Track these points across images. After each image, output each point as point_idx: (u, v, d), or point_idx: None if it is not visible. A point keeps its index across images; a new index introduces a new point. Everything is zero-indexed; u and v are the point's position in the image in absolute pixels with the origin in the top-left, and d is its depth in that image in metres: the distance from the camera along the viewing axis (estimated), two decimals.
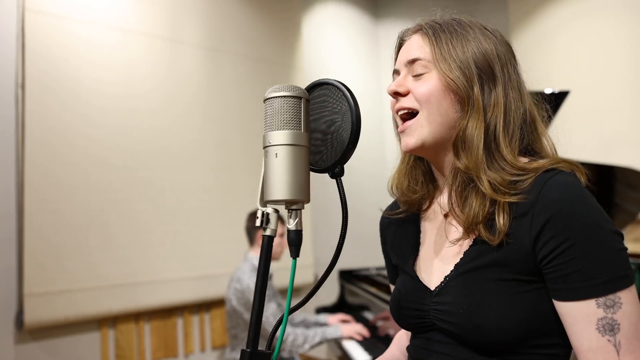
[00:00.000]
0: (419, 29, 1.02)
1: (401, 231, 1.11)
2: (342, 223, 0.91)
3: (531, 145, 0.96)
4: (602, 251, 0.82)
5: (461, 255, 0.95)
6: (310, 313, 3.92)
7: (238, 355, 2.84)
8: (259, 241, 2.94)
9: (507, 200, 0.88)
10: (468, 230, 0.93)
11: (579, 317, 0.83)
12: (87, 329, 3.02)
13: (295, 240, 0.85)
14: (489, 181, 0.90)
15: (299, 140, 0.83)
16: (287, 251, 3.07)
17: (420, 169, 1.07)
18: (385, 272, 3.44)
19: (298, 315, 3.14)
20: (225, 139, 3.66)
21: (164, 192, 3.32)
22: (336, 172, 0.90)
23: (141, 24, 3.28)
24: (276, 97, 0.84)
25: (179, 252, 3.34)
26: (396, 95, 1.01)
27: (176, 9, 3.46)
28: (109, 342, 3.09)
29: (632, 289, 0.83)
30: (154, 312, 3.28)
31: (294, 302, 1.11)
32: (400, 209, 1.11)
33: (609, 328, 0.81)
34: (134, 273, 3.14)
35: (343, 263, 4.23)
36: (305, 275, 4.06)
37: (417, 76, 0.98)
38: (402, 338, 1.21)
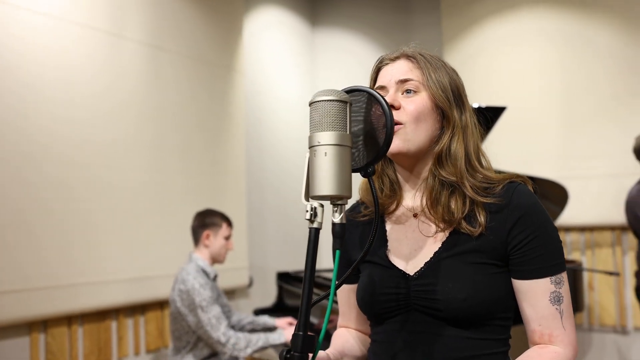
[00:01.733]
0: (404, 56, 1.20)
1: (366, 230, 1.25)
2: (375, 220, 0.99)
3: (480, 159, 1.18)
4: (554, 242, 1.10)
5: (439, 245, 1.13)
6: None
7: (181, 359, 2.84)
8: (204, 241, 2.95)
9: (486, 201, 1.10)
10: (449, 225, 1.12)
11: (537, 291, 1.08)
12: (16, 334, 2.89)
13: (340, 233, 0.93)
14: (471, 186, 1.11)
15: (345, 141, 0.91)
16: (229, 254, 3.09)
17: (388, 177, 1.23)
18: (324, 274, 3.55)
19: (246, 317, 3.16)
20: (162, 138, 3.62)
21: (98, 191, 3.23)
22: (369, 172, 0.99)
23: (77, 13, 3.17)
24: (325, 100, 0.92)
25: (113, 253, 3.27)
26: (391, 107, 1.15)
27: (117, 2, 3.40)
28: (39, 347, 2.97)
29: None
30: (87, 315, 3.18)
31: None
32: (363, 212, 1.27)
33: (557, 299, 1.08)
34: (66, 275, 3.03)
35: (280, 265, 4.30)
36: (240, 278, 4.08)
37: (407, 94, 1.15)
38: (342, 335, 1.32)
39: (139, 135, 3.47)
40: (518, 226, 1.08)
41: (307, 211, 0.91)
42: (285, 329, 3.01)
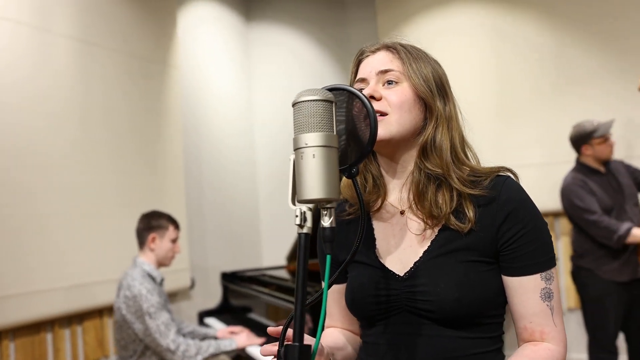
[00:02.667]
0: (384, 47, 1.17)
1: (351, 230, 1.20)
2: (361, 221, 0.96)
3: (465, 151, 1.15)
4: (544, 237, 1.08)
5: (428, 243, 1.09)
6: (192, 320, 3.84)
7: None
8: (150, 245, 2.83)
9: (474, 192, 1.07)
10: (437, 221, 1.08)
11: (528, 288, 1.06)
12: None
13: (330, 237, 0.89)
14: (457, 178, 1.08)
15: (332, 141, 0.87)
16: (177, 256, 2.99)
17: (371, 173, 1.18)
18: (270, 273, 3.50)
19: (187, 326, 3.06)
20: (94, 138, 3.44)
21: (29, 195, 3.04)
22: (353, 173, 0.96)
23: (3, 8, 2.97)
24: (311, 100, 0.87)
25: (47, 260, 3.08)
26: (371, 99, 1.11)
27: None
28: None
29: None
30: (19, 329, 2.99)
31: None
32: (347, 211, 1.21)
33: (548, 296, 1.06)
34: None
35: (222, 264, 4.20)
36: (181, 280, 3.96)
37: (388, 84, 1.11)
38: (331, 333, 1.29)
39: (68, 136, 3.28)
40: (508, 222, 1.06)
41: (296, 216, 0.86)
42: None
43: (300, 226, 0.86)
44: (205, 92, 4.51)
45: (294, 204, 0.88)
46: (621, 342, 3.33)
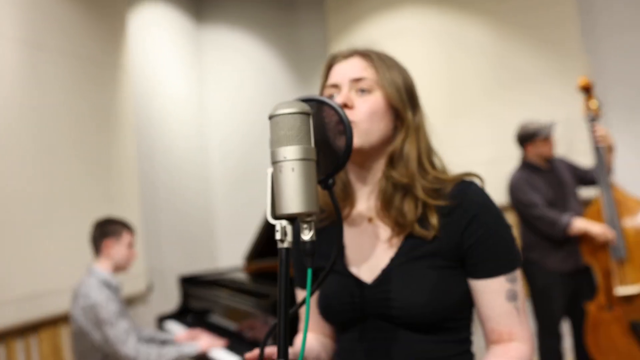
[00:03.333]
0: (357, 53, 1.16)
1: (322, 237, 1.19)
2: (337, 229, 0.95)
3: (431, 160, 1.16)
4: (508, 240, 1.10)
5: (395, 250, 1.10)
6: (150, 325, 3.76)
7: None
8: (106, 251, 2.74)
9: (438, 203, 1.07)
10: (402, 229, 1.09)
11: (494, 290, 1.07)
12: None
13: (310, 250, 0.88)
14: (422, 189, 1.08)
15: (310, 154, 0.87)
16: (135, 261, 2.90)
17: (341, 180, 1.19)
18: (229, 275, 3.46)
19: (146, 331, 2.99)
20: (44, 143, 3.31)
21: None
22: (330, 184, 0.95)
23: None
24: (288, 113, 0.86)
25: None
26: (344, 106, 1.10)
27: None
28: None
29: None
30: None
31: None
32: (320, 217, 1.21)
33: (513, 297, 1.08)
34: None
35: (178, 267, 4.12)
36: (137, 284, 3.87)
37: (361, 93, 1.10)
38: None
39: (16, 141, 3.14)
40: (472, 226, 1.07)
41: (277, 231, 0.85)
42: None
43: (281, 241, 0.85)
44: (157, 95, 4.41)
45: (274, 218, 0.86)
46: (565, 327, 3.46)
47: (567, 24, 4.22)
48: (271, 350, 0.97)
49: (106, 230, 2.76)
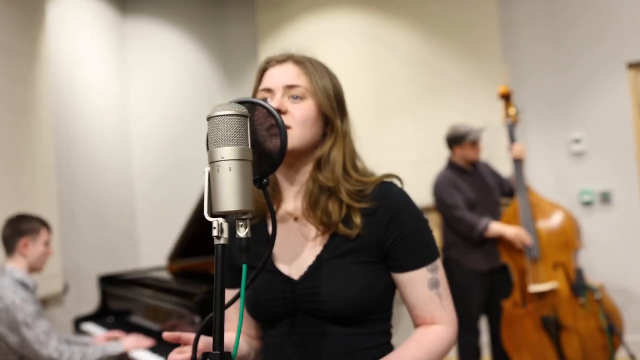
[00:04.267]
0: (291, 59, 1.22)
1: (252, 234, 1.26)
2: (272, 227, 1.01)
3: (355, 164, 1.24)
4: (426, 234, 1.20)
5: (320, 248, 1.17)
6: (66, 328, 3.65)
7: None
8: (21, 250, 2.65)
9: (360, 206, 1.16)
10: (327, 228, 1.16)
11: (416, 280, 1.18)
12: None
13: (246, 247, 0.93)
14: (346, 192, 1.17)
15: (247, 155, 0.91)
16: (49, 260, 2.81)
17: (269, 179, 1.24)
18: (151, 274, 3.43)
19: (63, 335, 2.91)
20: None
21: None
22: (264, 184, 1.00)
23: None
24: (226, 115, 0.90)
25: None
26: (277, 112, 1.16)
27: None
28: None
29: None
30: None
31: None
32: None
33: (435, 284, 1.18)
34: None
35: (96, 268, 4.03)
36: (52, 285, 3.74)
37: (294, 99, 1.17)
38: (230, 337, 1.34)
39: None
40: (393, 224, 1.16)
41: (214, 228, 0.89)
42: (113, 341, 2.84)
43: (218, 237, 0.89)
44: (77, 87, 4.28)
45: (210, 215, 0.91)
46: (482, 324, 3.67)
47: (489, 35, 4.47)
48: (203, 344, 1.02)
49: (22, 228, 2.67)
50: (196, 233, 3.31)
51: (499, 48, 4.46)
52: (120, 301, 3.29)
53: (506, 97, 3.70)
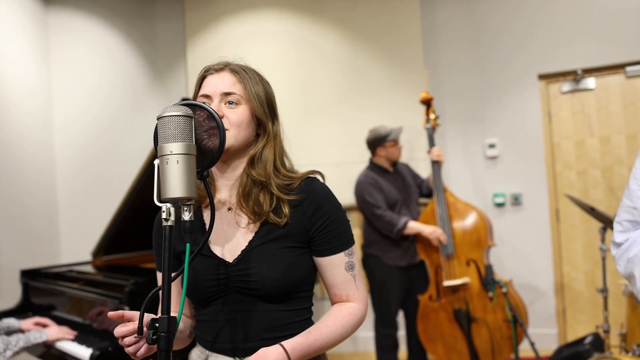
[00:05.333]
0: (228, 69, 1.40)
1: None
2: (211, 214, 1.19)
3: (283, 161, 1.45)
4: (345, 223, 1.42)
5: (252, 235, 1.37)
6: None
7: None
8: None
9: (289, 198, 1.37)
10: (259, 217, 1.36)
11: (335, 264, 1.39)
12: None
13: (189, 228, 1.11)
14: (276, 186, 1.37)
15: (192, 150, 1.10)
16: None
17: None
18: (76, 268, 3.49)
19: None
20: None
21: None
22: (205, 175, 1.18)
23: None
24: (175, 115, 1.09)
25: None
26: None
27: None
28: None
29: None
30: None
31: None
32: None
33: (351, 267, 1.41)
34: None
35: (17, 262, 4.02)
36: None
37: (229, 104, 1.36)
38: None
39: None
40: (316, 214, 1.37)
41: (163, 211, 1.06)
42: (36, 329, 2.90)
43: (166, 220, 1.07)
44: None
45: (159, 201, 1.08)
46: (400, 318, 3.97)
47: (412, 40, 4.81)
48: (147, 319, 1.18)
49: None
50: (123, 228, 3.40)
51: (420, 53, 4.80)
52: (43, 295, 3.33)
53: (427, 103, 4.02)
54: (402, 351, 4.26)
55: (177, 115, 1.09)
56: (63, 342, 2.77)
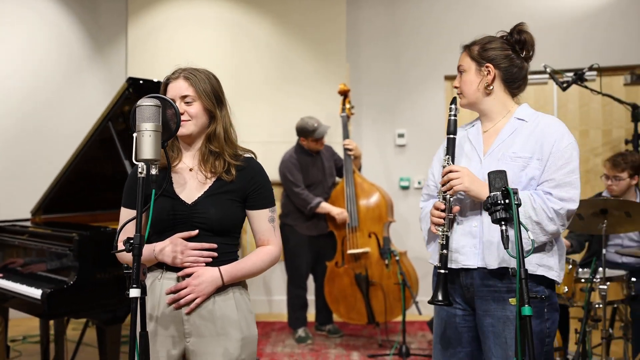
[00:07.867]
0: (183, 76, 1.99)
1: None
2: (167, 168, 1.83)
3: (231, 135, 2.06)
4: (271, 190, 2.05)
5: (207, 187, 1.97)
6: None
7: None
8: None
9: (236, 163, 1.98)
10: (213, 175, 1.97)
11: (261, 216, 2.00)
12: None
13: (154, 178, 1.70)
14: (227, 154, 1.99)
15: (159, 129, 1.72)
16: None
17: (176, 146, 2.05)
18: (19, 223, 3.91)
19: None
20: None
21: None
22: (164, 145, 1.81)
23: None
24: (150, 105, 1.70)
25: None
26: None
27: None
28: None
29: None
30: None
31: None
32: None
33: (272, 220, 2.02)
34: None
35: None
36: None
37: (187, 103, 1.96)
38: None
39: None
40: (252, 180, 1.97)
41: (140, 167, 1.67)
42: None
43: (141, 173, 1.69)
44: None
45: (136, 161, 1.70)
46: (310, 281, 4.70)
47: (337, 35, 5.53)
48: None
49: None
50: (65, 188, 3.84)
51: (344, 48, 5.52)
52: (5, 248, 3.66)
53: (344, 94, 4.74)
54: (311, 313, 4.95)
55: (151, 105, 1.71)
56: (13, 284, 3.22)
